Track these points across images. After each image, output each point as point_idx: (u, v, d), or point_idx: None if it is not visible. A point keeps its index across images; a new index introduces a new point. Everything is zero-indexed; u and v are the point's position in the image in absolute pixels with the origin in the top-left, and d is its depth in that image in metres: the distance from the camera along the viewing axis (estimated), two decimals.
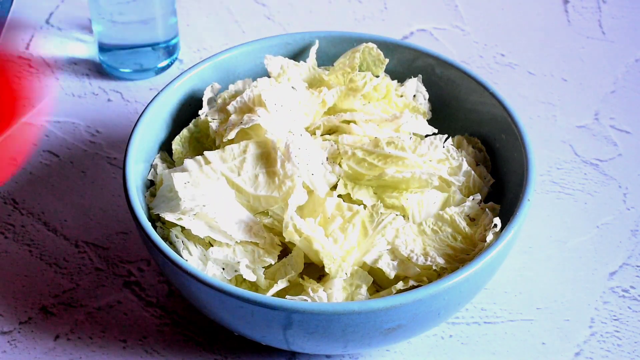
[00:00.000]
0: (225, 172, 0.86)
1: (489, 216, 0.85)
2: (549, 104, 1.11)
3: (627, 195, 1.01)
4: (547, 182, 1.03)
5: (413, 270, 0.83)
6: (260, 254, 0.84)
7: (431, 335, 0.90)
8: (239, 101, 0.91)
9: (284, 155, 0.85)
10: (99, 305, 0.92)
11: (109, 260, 0.96)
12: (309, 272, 0.86)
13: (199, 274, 0.78)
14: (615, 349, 0.89)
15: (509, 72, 1.15)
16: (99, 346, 0.89)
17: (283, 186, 0.85)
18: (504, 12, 1.23)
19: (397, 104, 0.94)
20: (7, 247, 0.96)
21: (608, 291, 0.93)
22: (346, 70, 0.94)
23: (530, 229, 0.97)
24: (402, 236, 0.84)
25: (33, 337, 0.90)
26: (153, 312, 0.91)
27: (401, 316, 0.78)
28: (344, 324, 0.77)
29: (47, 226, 0.98)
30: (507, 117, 0.91)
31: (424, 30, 1.20)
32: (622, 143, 1.07)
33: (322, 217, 0.85)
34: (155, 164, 0.92)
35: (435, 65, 0.97)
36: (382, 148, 0.87)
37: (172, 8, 1.10)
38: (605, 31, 1.20)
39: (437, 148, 0.89)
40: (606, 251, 0.97)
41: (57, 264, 0.95)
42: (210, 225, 0.84)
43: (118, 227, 0.98)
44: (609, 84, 1.13)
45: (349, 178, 0.88)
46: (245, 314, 0.79)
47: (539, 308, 0.92)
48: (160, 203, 0.87)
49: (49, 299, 0.92)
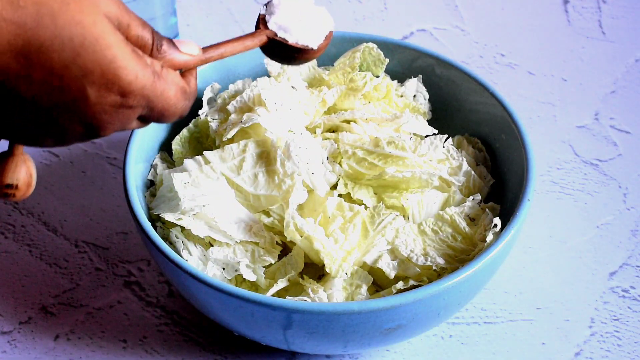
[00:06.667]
0: (225, 172, 0.86)
1: (489, 216, 0.85)
2: (549, 104, 1.11)
3: (627, 195, 1.01)
4: (547, 182, 1.03)
5: (413, 270, 0.83)
6: (260, 253, 0.84)
7: (431, 335, 0.90)
8: (238, 101, 0.91)
9: (283, 154, 0.85)
10: (99, 305, 0.92)
11: (109, 260, 0.96)
12: (309, 271, 0.86)
13: (199, 274, 0.79)
14: (615, 349, 0.89)
15: (509, 72, 1.15)
16: (99, 346, 0.89)
17: (283, 185, 0.85)
18: (504, 12, 1.23)
19: (397, 104, 0.94)
20: (7, 247, 0.97)
21: (608, 291, 0.93)
22: (346, 70, 0.94)
23: (530, 229, 0.97)
24: (402, 236, 0.84)
25: (33, 337, 0.90)
26: (153, 312, 0.91)
27: (401, 316, 0.78)
28: (344, 324, 0.77)
29: (47, 226, 0.98)
30: (507, 117, 0.91)
31: (424, 30, 1.20)
32: (622, 143, 1.07)
33: (323, 217, 0.85)
34: (155, 164, 0.92)
35: (435, 65, 0.97)
36: (383, 148, 0.87)
37: (172, 8, 1.10)
38: (605, 31, 1.20)
39: (437, 148, 0.89)
40: (606, 251, 0.97)
41: (57, 264, 0.95)
42: (210, 225, 0.84)
43: (118, 227, 0.98)
44: (609, 84, 1.13)
45: (349, 177, 0.88)
46: (245, 314, 0.79)
47: (539, 308, 0.92)
48: (160, 203, 0.87)
49: (49, 299, 0.92)
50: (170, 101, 0.65)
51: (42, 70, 0.59)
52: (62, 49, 0.59)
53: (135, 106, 0.63)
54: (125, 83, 0.61)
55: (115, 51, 0.60)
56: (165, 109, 0.65)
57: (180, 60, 0.67)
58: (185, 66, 0.67)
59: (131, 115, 0.63)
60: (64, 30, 0.58)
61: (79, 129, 0.62)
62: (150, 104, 0.64)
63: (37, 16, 0.58)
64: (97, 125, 0.62)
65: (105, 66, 0.60)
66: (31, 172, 0.66)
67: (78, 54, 0.59)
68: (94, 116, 0.61)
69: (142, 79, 0.62)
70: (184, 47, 0.67)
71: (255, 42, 0.72)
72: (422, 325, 0.82)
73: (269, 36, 0.73)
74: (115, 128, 0.63)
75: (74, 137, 0.63)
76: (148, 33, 0.64)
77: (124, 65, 0.61)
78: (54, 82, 0.59)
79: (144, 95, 0.63)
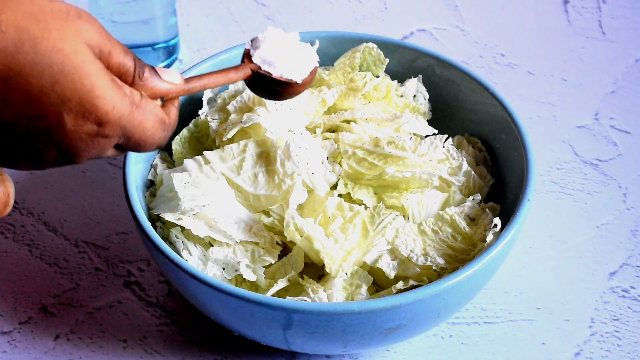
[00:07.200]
0: (225, 172, 0.86)
1: (489, 216, 0.85)
2: (549, 104, 1.11)
3: (627, 195, 1.01)
4: (547, 182, 1.03)
5: (413, 270, 0.83)
6: (260, 253, 0.84)
7: (431, 335, 0.90)
8: (238, 101, 0.91)
9: (283, 153, 0.85)
10: (99, 305, 0.92)
11: (109, 260, 0.96)
12: (309, 271, 0.86)
13: (199, 274, 0.78)
14: (615, 349, 0.89)
15: (509, 72, 1.15)
16: (99, 346, 0.89)
17: (283, 185, 0.85)
18: (504, 12, 1.23)
19: (397, 104, 0.94)
20: (7, 247, 0.97)
21: (608, 291, 0.93)
22: (346, 70, 0.94)
23: (530, 229, 0.97)
24: (402, 236, 0.84)
25: (33, 337, 0.90)
26: (153, 312, 0.91)
27: (401, 316, 0.78)
28: (344, 324, 0.77)
29: (47, 226, 0.98)
30: (507, 117, 0.91)
31: (424, 30, 1.20)
32: (622, 143, 1.07)
33: (323, 217, 0.85)
34: (155, 164, 0.92)
35: (435, 65, 0.97)
36: (383, 148, 0.87)
37: (172, 8, 1.11)
38: (605, 31, 1.20)
39: (437, 148, 0.89)
40: (606, 251, 0.97)
41: (57, 264, 0.95)
42: (210, 225, 0.84)
43: (118, 227, 0.98)
44: (609, 84, 1.13)
45: (349, 177, 0.88)
46: (245, 314, 0.79)
47: (539, 308, 0.92)
48: (160, 203, 0.87)
49: (49, 299, 0.92)
50: (148, 132, 0.65)
51: (21, 95, 0.59)
52: (42, 76, 0.59)
53: (112, 136, 0.63)
54: (103, 113, 0.61)
55: (93, 80, 0.61)
56: (142, 139, 0.65)
57: (161, 89, 0.67)
58: (166, 94, 0.67)
59: (107, 145, 0.64)
60: (44, 57, 0.59)
61: (54, 154, 0.63)
62: (127, 134, 0.64)
63: (18, 42, 0.58)
64: (72, 152, 0.63)
65: (83, 95, 0.60)
66: (9, 191, 0.66)
67: (57, 81, 0.59)
68: (70, 144, 0.62)
69: (120, 109, 0.62)
70: (167, 75, 0.68)
71: (239, 75, 0.73)
72: (422, 325, 0.82)
73: (253, 69, 0.73)
74: (90, 156, 0.64)
75: (49, 162, 0.63)
76: (130, 60, 0.65)
77: (102, 94, 0.61)
78: (32, 108, 0.60)
79: (121, 125, 0.63)
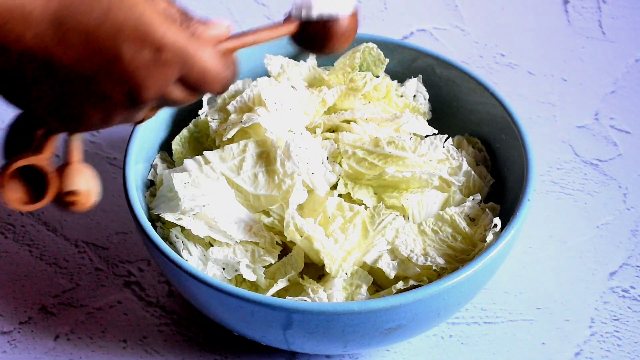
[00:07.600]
0: (225, 172, 0.86)
1: (489, 216, 0.85)
2: (549, 104, 1.11)
3: (627, 195, 1.01)
4: (547, 182, 1.03)
5: (413, 270, 0.83)
6: (260, 253, 0.84)
7: (431, 335, 0.90)
8: (238, 101, 0.91)
9: (283, 153, 0.85)
10: (99, 305, 0.92)
11: (109, 260, 0.96)
12: (309, 271, 0.86)
13: (199, 274, 0.78)
14: (615, 349, 0.89)
15: (509, 72, 1.15)
16: (99, 346, 0.89)
17: (283, 185, 0.85)
18: (504, 12, 1.23)
19: (397, 104, 0.94)
20: (7, 247, 0.97)
21: (608, 291, 0.93)
22: (346, 70, 0.94)
23: (530, 229, 0.97)
24: (402, 236, 0.84)
25: (33, 337, 0.90)
26: (153, 312, 0.91)
27: (401, 316, 0.78)
28: (344, 324, 0.77)
29: (47, 226, 0.98)
30: (507, 117, 0.91)
31: (424, 30, 1.20)
32: (622, 143, 1.07)
33: (323, 217, 0.85)
34: (155, 164, 0.92)
35: (435, 65, 0.97)
36: (383, 148, 0.87)
37: None
38: (605, 31, 1.20)
39: (437, 148, 0.89)
40: (606, 251, 0.97)
41: (57, 264, 0.95)
42: (210, 225, 0.84)
43: (118, 227, 0.98)
44: (609, 84, 1.13)
45: (349, 177, 0.88)
46: (245, 314, 0.79)
47: (539, 308, 0.92)
48: (160, 203, 0.87)
49: (49, 299, 0.92)
50: (208, 64, 0.64)
51: (76, 33, 0.60)
52: (92, 9, 0.60)
53: (170, 62, 0.62)
54: (158, 36, 0.61)
55: (143, 7, 0.61)
56: (204, 71, 0.64)
57: (210, 34, 0.66)
58: (216, 40, 0.66)
59: (168, 75, 0.62)
60: None
61: (120, 96, 0.62)
62: (187, 62, 0.63)
63: None
64: (134, 85, 0.62)
65: (136, 20, 0.61)
66: (92, 179, 0.66)
67: (110, 9, 0.60)
68: (131, 75, 0.61)
69: (174, 34, 0.62)
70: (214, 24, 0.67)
71: (287, 28, 0.72)
72: (422, 325, 0.82)
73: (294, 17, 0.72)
74: (155, 89, 0.62)
75: (118, 106, 0.63)
76: (174, 8, 0.64)
77: (154, 19, 0.61)
78: (90, 44, 0.60)
79: (178, 50, 0.62)
